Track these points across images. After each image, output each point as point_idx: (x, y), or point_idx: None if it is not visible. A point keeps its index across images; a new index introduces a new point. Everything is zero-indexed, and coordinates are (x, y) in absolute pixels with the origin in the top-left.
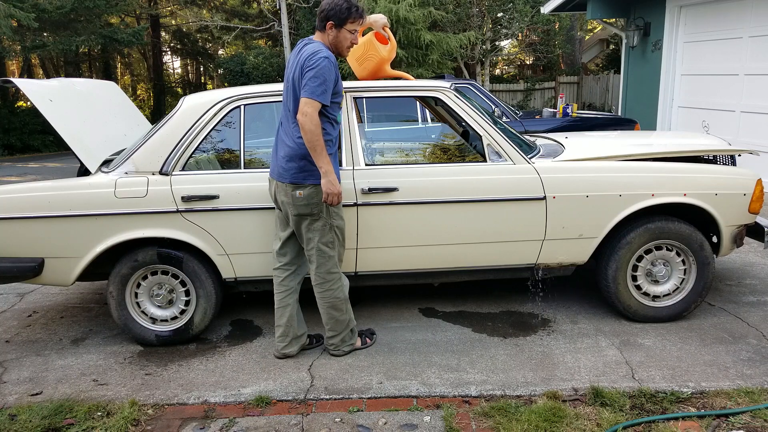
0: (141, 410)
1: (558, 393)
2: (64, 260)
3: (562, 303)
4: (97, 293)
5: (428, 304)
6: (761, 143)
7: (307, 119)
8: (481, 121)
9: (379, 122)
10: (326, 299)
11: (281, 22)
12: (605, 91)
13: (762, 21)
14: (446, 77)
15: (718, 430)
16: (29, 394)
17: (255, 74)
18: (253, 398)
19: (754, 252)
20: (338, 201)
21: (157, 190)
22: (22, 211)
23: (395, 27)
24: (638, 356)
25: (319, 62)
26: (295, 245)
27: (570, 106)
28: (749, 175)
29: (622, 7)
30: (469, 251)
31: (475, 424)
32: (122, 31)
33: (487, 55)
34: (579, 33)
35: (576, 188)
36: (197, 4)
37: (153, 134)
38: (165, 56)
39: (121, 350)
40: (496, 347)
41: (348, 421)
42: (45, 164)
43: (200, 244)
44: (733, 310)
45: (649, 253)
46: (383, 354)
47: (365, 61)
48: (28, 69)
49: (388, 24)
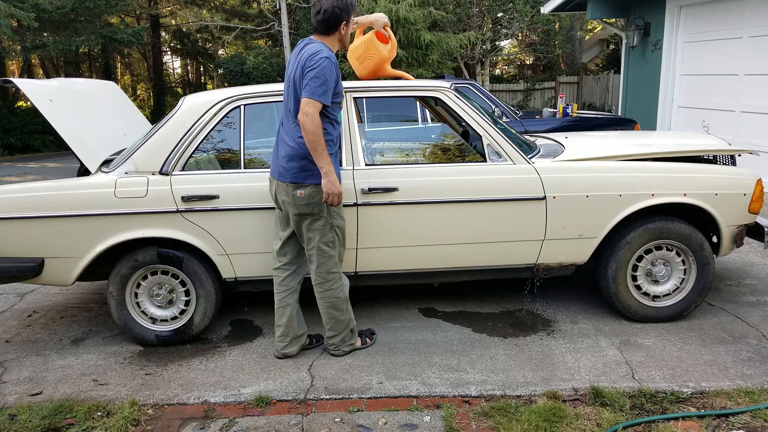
0: (141, 410)
1: (558, 393)
2: (64, 260)
3: (562, 303)
4: (97, 293)
5: (428, 304)
6: (761, 143)
7: (308, 119)
8: (481, 121)
9: (379, 122)
10: (326, 299)
11: (281, 22)
12: (605, 91)
13: (762, 21)
14: (446, 77)
15: (718, 430)
16: (29, 394)
17: (255, 74)
18: (253, 398)
19: (754, 252)
20: (339, 201)
21: (157, 190)
22: (22, 211)
23: (395, 27)
24: (638, 356)
25: (320, 62)
26: (296, 245)
27: (570, 106)
28: (749, 175)
29: (622, 7)
30: (469, 251)
31: (475, 424)
32: (122, 31)
33: (487, 55)
34: (579, 33)
35: (576, 188)
36: (197, 4)
37: (153, 134)
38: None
39: (121, 350)
40: (496, 347)
41: (348, 421)
42: (45, 164)
43: (200, 244)
44: (733, 310)
45: (649, 253)
46: (383, 354)
47: (366, 60)
48: (28, 69)
49: (389, 23)
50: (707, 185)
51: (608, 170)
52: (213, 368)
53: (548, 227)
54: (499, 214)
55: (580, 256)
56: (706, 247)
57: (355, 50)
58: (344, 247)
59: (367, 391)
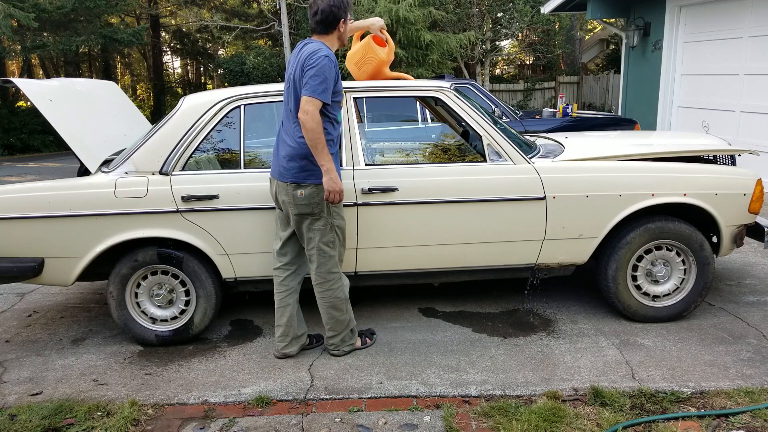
0: (141, 410)
1: (558, 393)
2: (64, 260)
3: (562, 303)
4: (97, 293)
5: (428, 304)
6: (761, 143)
7: (309, 117)
8: (481, 121)
9: (379, 122)
10: (327, 299)
11: (281, 22)
12: (605, 91)
13: (762, 21)
14: (446, 77)
15: (718, 430)
16: (29, 394)
17: (255, 74)
18: (253, 398)
19: (754, 252)
20: (340, 199)
21: (157, 190)
22: (22, 211)
23: (395, 27)
24: (638, 356)
25: (320, 61)
26: (296, 245)
27: (570, 106)
28: (749, 175)
29: (622, 7)
30: (469, 251)
31: (475, 424)
32: (122, 31)
33: (487, 55)
34: (579, 33)
35: (576, 188)
36: (197, 4)
37: (153, 134)
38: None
39: (121, 350)
40: (496, 347)
41: (348, 421)
42: (45, 164)
43: (200, 244)
44: (733, 310)
45: (649, 253)
46: (383, 354)
47: (364, 65)
48: (28, 69)
49: (385, 26)
50: (707, 185)
51: (608, 170)
52: (213, 368)
53: (548, 227)
54: (499, 214)
55: (580, 256)
56: (706, 247)
57: (353, 56)
58: (344, 247)
59: (367, 391)
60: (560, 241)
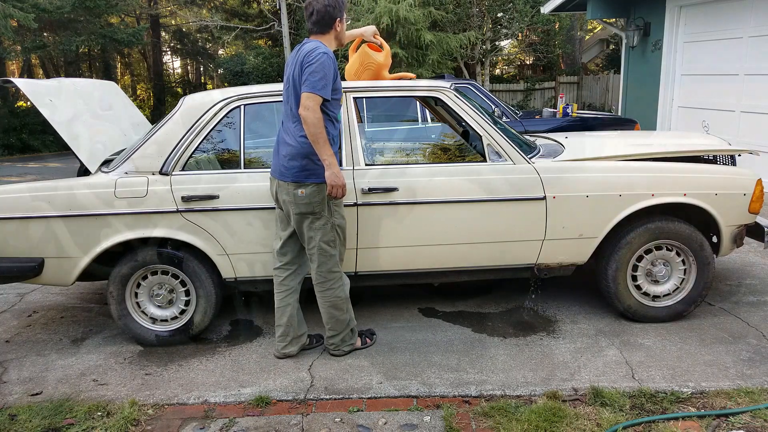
0: (141, 410)
1: (558, 393)
2: (64, 260)
3: (562, 303)
4: (97, 293)
5: (428, 304)
6: (761, 143)
7: (309, 112)
8: (481, 121)
9: (379, 122)
10: (327, 298)
11: (281, 22)
12: (605, 91)
13: (762, 21)
14: (446, 77)
15: (718, 430)
16: (29, 394)
17: (255, 74)
18: (253, 398)
19: (754, 252)
20: (343, 193)
21: (157, 190)
22: (23, 211)
23: (395, 27)
24: (638, 356)
25: (319, 57)
26: (296, 245)
27: (570, 106)
28: (749, 175)
29: (622, 7)
30: (470, 251)
31: (475, 424)
32: (122, 31)
33: (487, 55)
34: (579, 33)
35: (576, 188)
36: (197, 4)
37: (153, 134)
38: (165, 56)
39: (121, 350)
40: (496, 347)
41: (348, 421)
42: (45, 164)
43: (200, 244)
44: (733, 310)
45: (649, 253)
46: (383, 354)
47: (364, 72)
48: (28, 69)
49: (378, 32)
50: (707, 185)
51: (608, 170)
52: (213, 368)
53: (548, 227)
54: (499, 214)
55: (580, 256)
56: (706, 247)
57: (351, 67)
58: (345, 246)
59: (367, 391)
60: (560, 241)
